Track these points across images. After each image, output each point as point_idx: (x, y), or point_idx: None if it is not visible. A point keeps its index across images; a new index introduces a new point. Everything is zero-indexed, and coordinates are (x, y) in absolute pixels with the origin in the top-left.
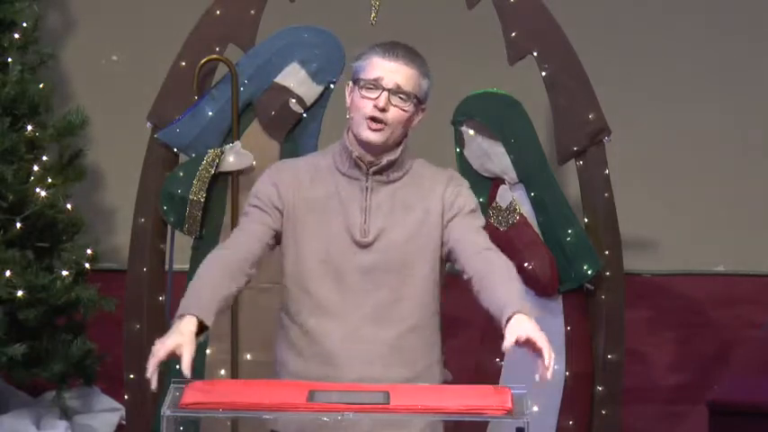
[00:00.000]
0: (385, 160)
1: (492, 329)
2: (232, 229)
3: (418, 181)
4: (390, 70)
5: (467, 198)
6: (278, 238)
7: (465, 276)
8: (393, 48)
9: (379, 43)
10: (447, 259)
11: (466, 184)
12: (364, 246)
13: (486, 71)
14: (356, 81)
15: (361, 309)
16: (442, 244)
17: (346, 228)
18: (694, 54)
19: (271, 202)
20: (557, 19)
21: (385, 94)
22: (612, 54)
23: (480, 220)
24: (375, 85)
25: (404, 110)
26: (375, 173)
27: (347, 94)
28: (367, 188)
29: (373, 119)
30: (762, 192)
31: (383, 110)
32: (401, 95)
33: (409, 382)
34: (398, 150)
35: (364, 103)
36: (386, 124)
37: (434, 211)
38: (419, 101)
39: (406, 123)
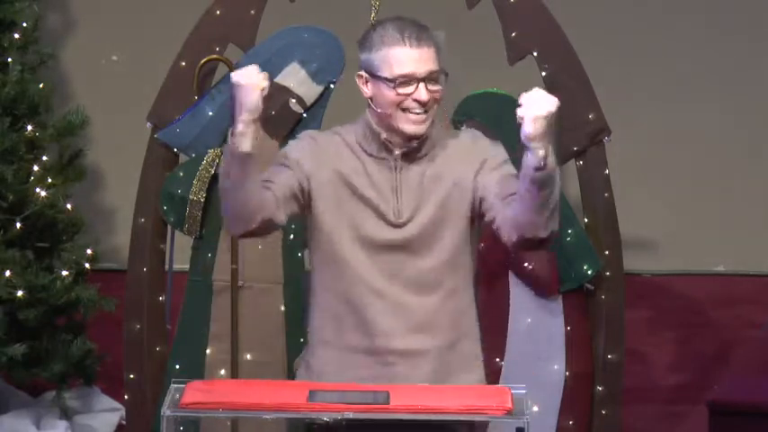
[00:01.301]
0: (415, 142)
1: (492, 329)
2: None
3: (445, 152)
4: (418, 60)
5: (496, 151)
6: (299, 201)
7: (497, 216)
8: (407, 32)
9: (388, 28)
10: (480, 214)
11: (489, 140)
12: (398, 225)
13: (486, 71)
14: (378, 77)
15: (398, 279)
16: (474, 200)
17: (379, 208)
18: (694, 54)
19: (300, 167)
20: (557, 19)
21: (422, 85)
22: (612, 54)
23: (510, 168)
24: (409, 78)
25: (439, 92)
26: (404, 153)
27: (361, 83)
28: (396, 167)
29: (414, 110)
30: (762, 192)
31: (426, 102)
32: (433, 79)
33: (453, 344)
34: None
35: (400, 99)
36: (428, 111)
37: (465, 177)
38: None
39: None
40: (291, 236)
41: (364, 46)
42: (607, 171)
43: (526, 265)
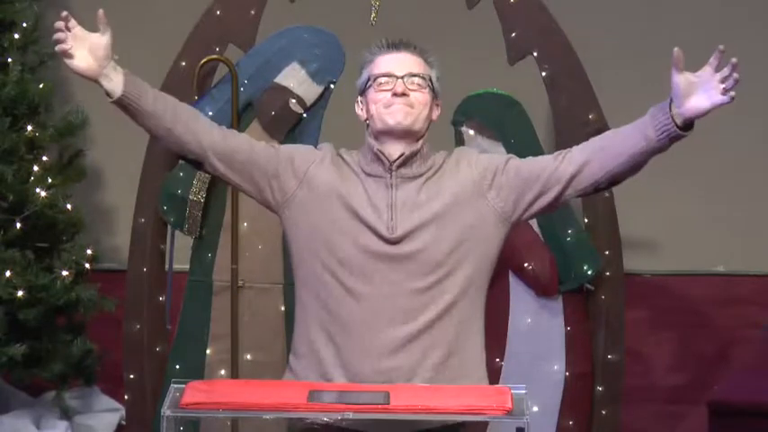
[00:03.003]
0: (408, 150)
1: (492, 329)
2: (232, 229)
3: (442, 172)
4: (399, 61)
5: (489, 159)
6: (258, 181)
7: (570, 185)
8: (388, 41)
9: (372, 46)
10: (537, 202)
11: (475, 152)
12: (393, 242)
13: (486, 71)
14: (365, 86)
15: (393, 298)
16: (499, 208)
17: (374, 225)
18: (695, 54)
19: (291, 166)
20: (557, 19)
21: (401, 81)
22: (612, 54)
23: (515, 159)
24: (387, 75)
25: (423, 93)
26: (399, 166)
27: (358, 109)
28: (392, 185)
29: (395, 103)
30: (762, 192)
31: (403, 94)
32: (417, 78)
33: (447, 357)
34: (420, 142)
35: (381, 95)
36: (411, 106)
37: (465, 191)
38: (434, 91)
39: (428, 111)
40: None
41: (360, 70)
42: None
43: (526, 265)
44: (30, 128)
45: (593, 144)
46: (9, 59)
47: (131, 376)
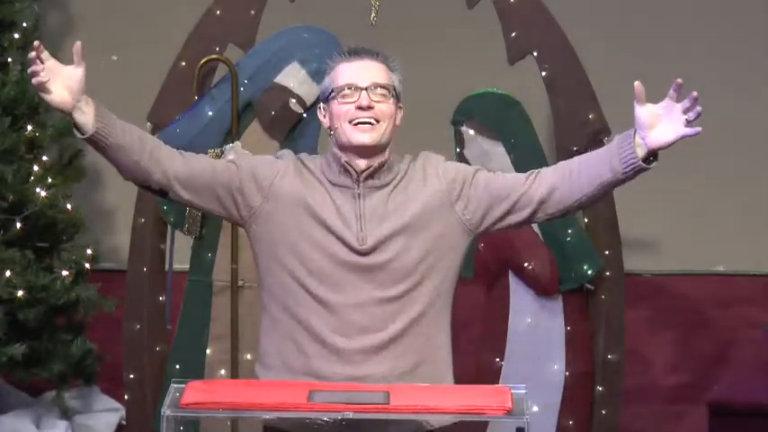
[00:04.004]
0: (376, 162)
1: (492, 329)
2: (232, 229)
3: (408, 179)
4: (360, 69)
5: (457, 169)
6: (223, 200)
7: (539, 209)
8: (352, 49)
9: (338, 50)
10: (502, 221)
11: (441, 158)
12: (363, 253)
13: (486, 71)
14: (328, 96)
15: (364, 307)
16: (466, 220)
17: (343, 236)
18: (695, 53)
19: (255, 180)
20: (557, 19)
21: (364, 92)
22: (612, 54)
23: (489, 172)
24: (350, 87)
25: (388, 104)
26: (366, 178)
27: (320, 116)
28: (359, 195)
29: (360, 119)
30: (762, 192)
31: (369, 107)
32: (380, 89)
33: (413, 368)
34: (386, 152)
35: (345, 109)
36: (377, 121)
37: (433, 201)
38: (397, 96)
39: (393, 118)
40: None
41: (323, 80)
42: None
43: (526, 265)
44: (30, 128)
45: (562, 169)
46: (9, 59)
47: (131, 376)
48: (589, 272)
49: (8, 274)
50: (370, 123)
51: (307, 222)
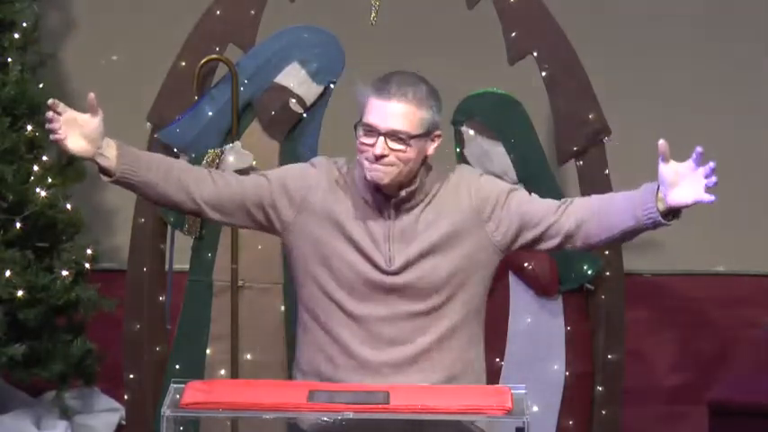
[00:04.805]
0: (404, 192)
1: (492, 329)
2: (232, 229)
3: (440, 198)
4: (384, 113)
5: (490, 188)
6: (256, 215)
7: (567, 241)
8: (385, 84)
9: (377, 79)
10: (531, 246)
11: (477, 173)
12: (391, 273)
13: (486, 71)
14: (358, 121)
15: (391, 322)
16: (497, 241)
17: (371, 255)
18: (695, 54)
19: (286, 194)
20: (557, 19)
21: (381, 139)
22: (612, 54)
23: (524, 192)
24: (370, 129)
25: (404, 151)
26: (397, 203)
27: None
28: (390, 216)
29: (374, 164)
30: (762, 192)
31: (382, 156)
32: (399, 138)
33: (447, 382)
34: (416, 181)
35: (364, 149)
36: (391, 165)
37: (464, 219)
38: (427, 133)
39: (417, 157)
40: None
41: (359, 89)
42: (607, 171)
43: (526, 265)
44: (30, 128)
45: (590, 205)
46: (9, 59)
47: (131, 376)
48: (589, 272)
49: (8, 274)
50: (384, 165)
51: (336, 239)
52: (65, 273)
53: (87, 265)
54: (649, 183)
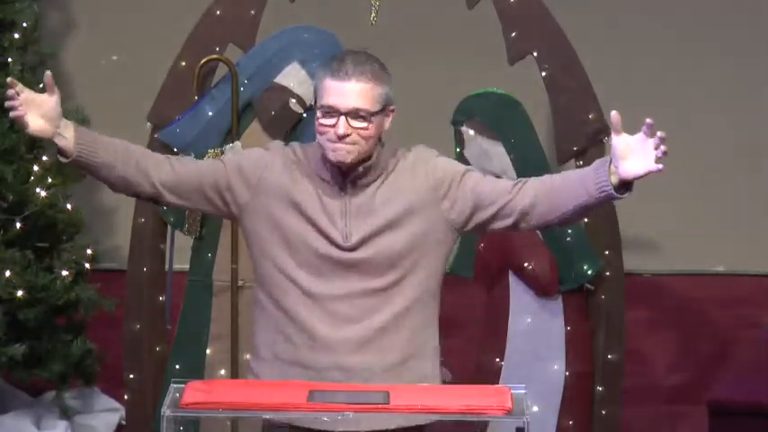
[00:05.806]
0: (361, 168)
1: (492, 329)
2: (232, 229)
3: (396, 176)
4: (343, 92)
5: (446, 168)
6: (213, 199)
7: (521, 219)
8: (341, 64)
9: (330, 59)
10: (486, 226)
11: (434, 154)
12: (347, 249)
13: (486, 71)
14: (314, 103)
15: (349, 298)
16: (452, 218)
17: (328, 232)
18: (694, 54)
19: (241, 176)
20: (557, 19)
21: (343, 119)
22: (612, 54)
23: (479, 173)
24: (330, 110)
25: (366, 129)
26: (353, 178)
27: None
28: (346, 191)
29: (337, 143)
30: (762, 192)
31: (345, 136)
32: (360, 116)
33: (403, 362)
34: (374, 155)
35: (325, 130)
36: (353, 144)
37: (420, 197)
38: (383, 109)
39: (376, 133)
40: None
41: (314, 74)
42: None
43: (526, 265)
44: None
45: (544, 184)
46: (9, 59)
47: (131, 376)
48: (589, 272)
49: (8, 274)
50: (344, 145)
51: (293, 217)
52: (65, 273)
53: (87, 265)
54: (600, 158)
